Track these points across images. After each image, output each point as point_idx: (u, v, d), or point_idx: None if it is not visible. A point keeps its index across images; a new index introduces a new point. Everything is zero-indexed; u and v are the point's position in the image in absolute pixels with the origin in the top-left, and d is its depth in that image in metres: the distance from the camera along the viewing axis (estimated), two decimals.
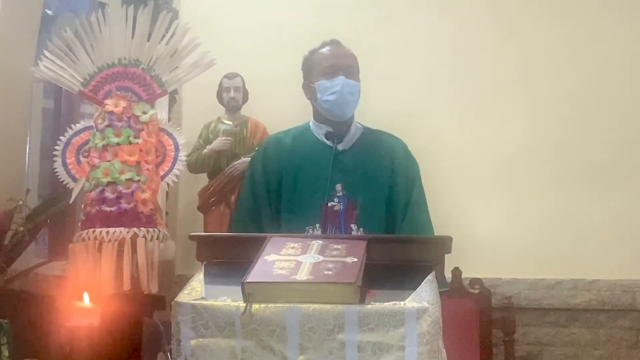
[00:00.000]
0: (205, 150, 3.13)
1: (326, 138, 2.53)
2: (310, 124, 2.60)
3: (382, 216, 2.49)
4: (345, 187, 2.48)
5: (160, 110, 2.78)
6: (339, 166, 2.49)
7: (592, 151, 3.15)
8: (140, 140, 2.42)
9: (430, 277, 1.79)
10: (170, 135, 2.53)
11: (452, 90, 3.24)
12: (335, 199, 2.48)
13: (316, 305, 1.66)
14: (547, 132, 3.19)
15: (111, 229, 2.31)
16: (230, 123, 3.18)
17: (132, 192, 2.35)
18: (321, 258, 1.78)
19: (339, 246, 1.85)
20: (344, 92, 2.48)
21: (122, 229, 2.31)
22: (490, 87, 3.23)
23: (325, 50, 2.57)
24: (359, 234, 2.43)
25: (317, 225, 2.45)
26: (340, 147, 2.53)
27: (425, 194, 2.55)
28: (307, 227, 2.45)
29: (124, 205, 2.34)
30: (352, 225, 2.46)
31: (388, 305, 1.66)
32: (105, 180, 2.36)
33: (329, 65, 2.52)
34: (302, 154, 2.55)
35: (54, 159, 2.50)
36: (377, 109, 2.95)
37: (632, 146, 3.14)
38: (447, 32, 3.26)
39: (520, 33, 3.24)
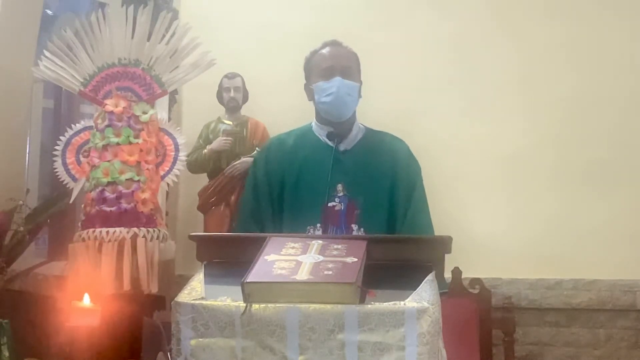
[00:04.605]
0: (205, 150, 3.13)
1: (327, 139, 2.53)
2: (313, 124, 2.61)
3: (383, 217, 2.49)
4: (346, 188, 2.49)
5: (160, 110, 2.78)
6: (340, 167, 2.50)
7: (592, 151, 3.14)
8: (140, 140, 2.42)
9: (430, 277, 1.79)
10: (170, 135, 2.53)
11: (452, 90, 3.24)
12: (336, 199, 2.48)
13: (316, 305, 1.67)
14: (547, 132, 3.19)
15: (111, 229, 2.31)
16: (230, 123, 3.18)
17: (132, 192, 2.35)
18: (321, 258, 1.78)
19: (339, 246, 1.85)
20: (340, 93, 2.48)
21: (122, 229, 2.31)
22: (490, 87, 3.23)
23: (324, 51, 2.58)
24: (360, 234, 2.44)
25: (318, 225, 2.45)
26: (341, 147, 2.53)
27: (426, 195, 2.55)
28: (308, 227, 2.46)
29: (124, 205, 2.34)
30: (352, 225, 2.47)
31: (388, 305, 1.66)
32: (105, 180, 2.36)
33: (326, 67, 2.53)
34: (304, 155, 2.55)
35: (54, 159, 2.50)
36: (377, 108, 2.95)
37: (631, 146, 3.14)
38: (447, 32, 3.26)
39: (519, 33, 3.24)
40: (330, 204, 2.47)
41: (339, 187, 2.49)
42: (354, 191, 2.49)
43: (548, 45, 3.21)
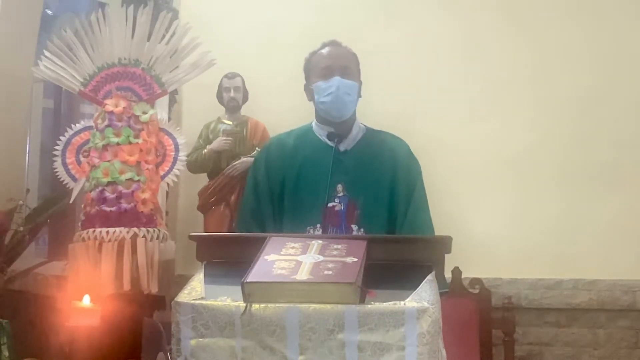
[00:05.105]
0: (205, 150, 3.13)
1: (328, 139, 2.53)
2: (313, 124, 2.61)
3: (383, 217, 2.48)
4: (347, 188, 2.48)
5: (160, 110, 2.78)
6: (340, 167, 2.49)
7: (592, 151, 3.14)
8: (140, 140, 2.42)
9: (430, 277, 1.79)
10: (170, 135, 2.53)
11: (452, 90, 3.24)
12: (336, 200, 2.47)
13: (316, 305, 1.67)
14: (548, 132, 3.19)
15: (111, 229, 2.31)
16: (230, 123, 3.18)
17: (132, 192, 2.35)
18: (321, 258, 1.78)
19: (339, 246, 1.85)
20: (339, 93, 2.48)
21: (122, 229, 2.31)
22: (492, 87, 3.23)
23: (323, 51, 2.58)
24: (360, 234, 2.43)
25: (318, 225, 2.45)
26: (341, 147, 2.53)
27: (426, 195, 2.55)
28: (308, 228, 2.45)
29: (124, 205, 2.34)
30: (352, 226, 2.46)
31: (388, 305, 1.66)
32: (105, 180, 2.36)
33: (325, 67, 2.53)
34: (304, 155, 2.55)
35: (54, 159, 2.50)
36: (378, 108, 2.94)
37: (632, 146, 3.14)
38: (450, 31, 3.26)
39: (523, 33, 3.23)
40: (330, 204, 2.46)
41: (339, 187, 2.48)
42: (354, 191, 2.48)
43: (552, 46, 3.21)
